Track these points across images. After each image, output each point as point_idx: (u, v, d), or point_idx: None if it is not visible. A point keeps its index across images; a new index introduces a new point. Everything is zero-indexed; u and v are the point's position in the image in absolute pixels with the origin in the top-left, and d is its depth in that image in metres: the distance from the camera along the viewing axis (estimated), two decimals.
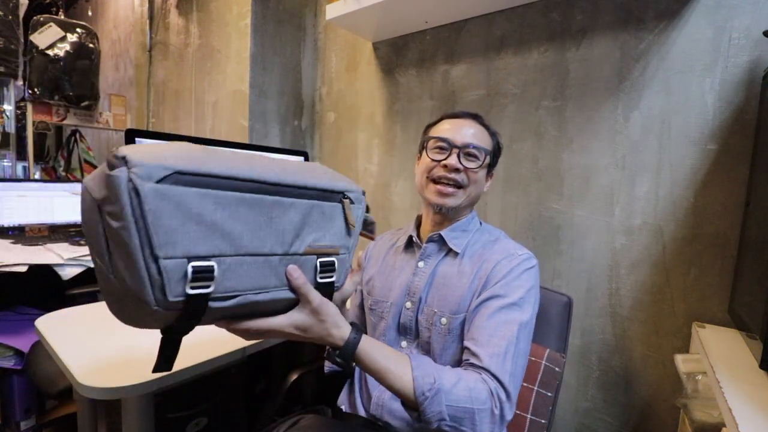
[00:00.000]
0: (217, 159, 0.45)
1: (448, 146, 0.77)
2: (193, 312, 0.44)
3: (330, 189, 0.55)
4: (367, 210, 0.63)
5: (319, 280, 0.54)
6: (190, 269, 0.42)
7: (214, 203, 0.43)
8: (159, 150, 0.42)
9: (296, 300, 0.53)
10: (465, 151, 0.77)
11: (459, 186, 0.78)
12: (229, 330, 0.52)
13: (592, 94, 1.07)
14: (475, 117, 0.83)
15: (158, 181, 0.40)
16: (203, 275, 0.43)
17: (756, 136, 0.85)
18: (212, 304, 0.45)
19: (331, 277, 0.55)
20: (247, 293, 0.48)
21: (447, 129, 0.80)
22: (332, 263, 0.55)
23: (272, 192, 0.48)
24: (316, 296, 0.54)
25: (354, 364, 0.59)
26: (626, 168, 1.02)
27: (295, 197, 0.51)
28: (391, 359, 0.61)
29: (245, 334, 0.53)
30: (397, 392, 0.61)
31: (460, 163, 0.76)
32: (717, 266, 0.91)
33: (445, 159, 0.77)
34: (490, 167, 0.83)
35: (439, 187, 0.78)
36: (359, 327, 0.60)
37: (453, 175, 0.77)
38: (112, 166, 0.39)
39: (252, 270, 0.47)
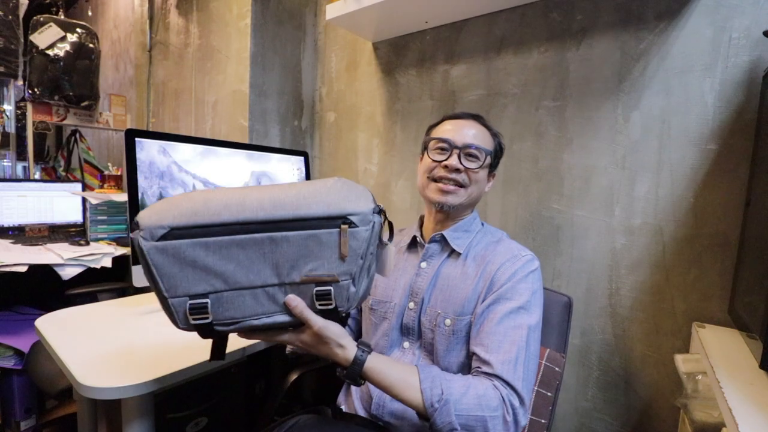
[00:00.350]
0: (208, 207, 0.52)
1: (449, 147, 0.77)
2: (204, 334, 0.56)
3: (326, 216, 0.53)
4: (390, 226, 0.59)
5: (318, 308, 0.56)
6: (188, 306, 0.52)
7: (205, 249, 0.52)
8: (166, 208, 0.52)
9: (300, 322, 0.57)
10: (465, 151, 0.77)
11: (460, 185, 0.78)
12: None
13: (592, 94, 1.07)
14: (477, 117, 0.83)
15: (159, 239, 0.50)
16: (199, 310, 0.53)
17: (756, 136, 0.85)
18: (217, 328, 0.55)
19: (329, 305, 0.55)
20: (248, 320, 0.55)
21: (448, 130, 0.80)
22: (328, 293, 0.55)
23: (261, 230, 0.53)
24: (316, 321, 0.56)
25: (362, 381, 0.61)
26: (626, 168, 1.02)
27: (288, 230, 0.53)
28: (399, 373, 0.62)
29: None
30: (406, 404, 0.62)
31: (461, 163, 0.76)
32: (717, 266, 0.91)
33: (445, 159, 0.77)
34: (492, 167, 0.83)
35: (440, 185, 0.78)
36: (366, 345, 0.61)
37: (453, 176, 0.77)
38: (132, 229, 0.51)
39: (249, 300, 0.54)
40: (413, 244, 0.86)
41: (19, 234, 1.76)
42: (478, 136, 0.79)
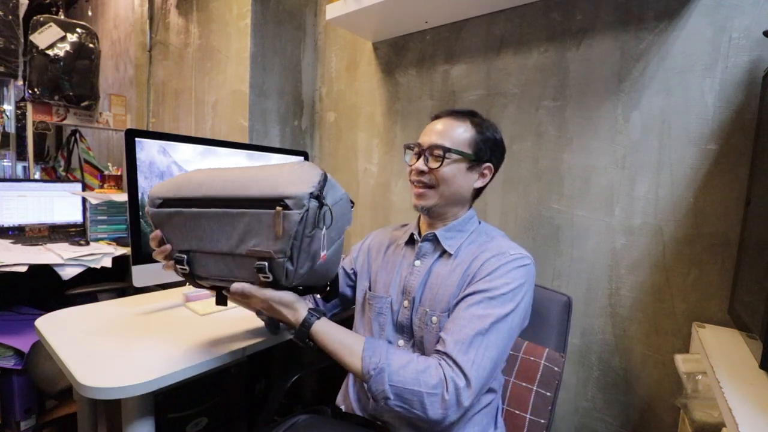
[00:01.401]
0: (190, 183, 0.66)
1: (419, 150, 0.79)
2: (192, 283, 0.71)
3: (266, 198, 0.59)
4: (320, 207, 0.60)
5: (261, 279, 0.62)
6: (174, 257, 0.68)
7: (183, 217, 0.65)
8: (165, 184, 0.68)
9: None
10: (429, 151, 0.77)
11: (430, 186, 0.78)
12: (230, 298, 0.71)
13: (592, 94, 1.07)
14: (454, 113, 0.81)
15: (157, 207, 0.67)
16: (180, 262, 0.67)
17: (756, 136, 0.85)
18: (198, 281, 0.69)
19: (268, 278, 0.62)
20: (215, 278, 0.67)
21: (423, 131, 0.81)
22: (263, 267, 0.61)
23: (218, 205, 0.62)
24: (263, 293, 0.64)
25: (310, 342, 0.68)
26: (626, 168, 1.02)
27: (239, 207, 0.61)
28: (346, 340, 0.68)
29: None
30: (350, 370, 0.67)
31: (426, 164, 0.77)
32: (717, 266, 0.91)
33: (414, 163, 0.79)
34: (477, 161, 0.78)
35: (414, 189, 0.80)
36: (319, 311, 0.69)
37: (420, 178, 0.78)
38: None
39: (212, 262, 0.66)
40: (411, 242, 0.86)
41: (19, 234, 1.76)
42: (445, 132, 0.77)
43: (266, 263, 0.61)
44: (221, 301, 0.74)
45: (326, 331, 0.68)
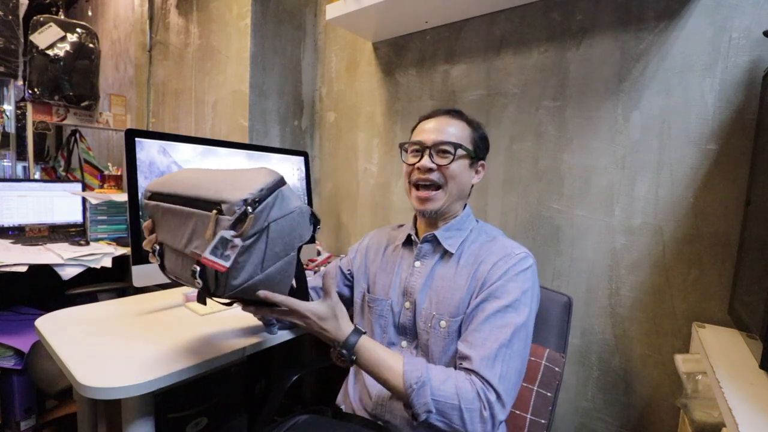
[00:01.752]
0: (170, 182, 0.67)
1: (420, 148, 0.78)
2: (163, 273, 0.71)
3: (211, 200, 0.58)
4: (243, 217, 0.56)
5: (195, 284, 0.59)
6: (153, 247, 0.70)
7: (161, 211, 0.67)
8: (159, 178, 0.71)
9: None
10: (435, 149, 0.77)
11: (437, 186, 0.78)
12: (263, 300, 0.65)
13: (592, 94, 1.07)
14: (450, 112, 0.82)
15: (148, 198, 0.70)
16: (154, 252, 0.69)
17: (756, 136, 0.85)
18: (166, 274, 0.70)
19: (200, 284, 0.58)
20: (172, 275, 0.68)
21: (420, 131, 0.81)
22: (195, 271, 0.58)
23: (179, 203, 0.63)
24: (335, 297, 0.68)
25: (354, 357, 0.67)
26: (626, 168, 1.02)
27: (194, 208, 0.60)
28: (386, 356, 0.68)
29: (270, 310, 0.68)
30: (389, 386, 0.66)
31: (432, 161, 0.76)
32: (717, 266, 0.91)
33: (418, 161, 0.78)
34: (476, 159, 0.81)
35: (418, 193, 0.79)
36: (359, 328, 0.69)
37: (427, 176, 0.77)
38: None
39: (173, 258, 0.67)
40: (408, 242, 0.86)
41: (19, 234, 1.76)
42: (447, 130, 0.78)
43: (199, 268, 0.57)
44: (202, 299, 0.73)
45: (369, 346, 0.68)
